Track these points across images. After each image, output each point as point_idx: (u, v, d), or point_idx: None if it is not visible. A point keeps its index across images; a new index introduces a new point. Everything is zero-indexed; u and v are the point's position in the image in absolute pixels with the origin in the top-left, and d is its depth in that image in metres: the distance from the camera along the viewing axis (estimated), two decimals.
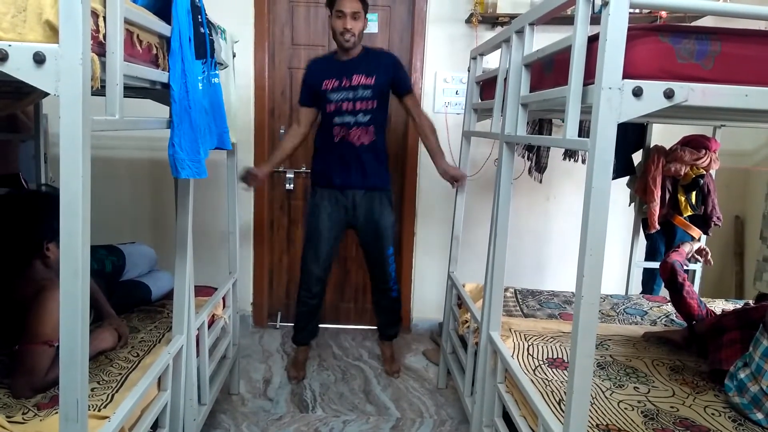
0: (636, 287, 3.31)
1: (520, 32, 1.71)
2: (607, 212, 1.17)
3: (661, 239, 3.19)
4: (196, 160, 1.51)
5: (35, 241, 1.65)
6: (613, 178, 1.19)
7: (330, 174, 2.73)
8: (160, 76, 1.43)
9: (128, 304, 2.24)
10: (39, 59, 0.99)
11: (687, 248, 2.23)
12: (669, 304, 2.64)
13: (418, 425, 2.53)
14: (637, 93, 1.12)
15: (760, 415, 1.57)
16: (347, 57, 2.63)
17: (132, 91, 1.56)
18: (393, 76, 2.65)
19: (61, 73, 1.00)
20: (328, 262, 2.84)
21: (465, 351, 2.39)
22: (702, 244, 2.35)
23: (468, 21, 3.29)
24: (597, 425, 1.54)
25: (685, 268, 2.11)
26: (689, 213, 3.02)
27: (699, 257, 2.35)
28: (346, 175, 2.70)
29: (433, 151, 2.75)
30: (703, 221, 3.05)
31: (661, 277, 2.18)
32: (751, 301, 2.36)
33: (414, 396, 2.78)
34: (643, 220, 3.16)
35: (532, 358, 1.99)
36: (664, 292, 2.77)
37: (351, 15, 2.51)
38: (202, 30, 1.56)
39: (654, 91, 1.13)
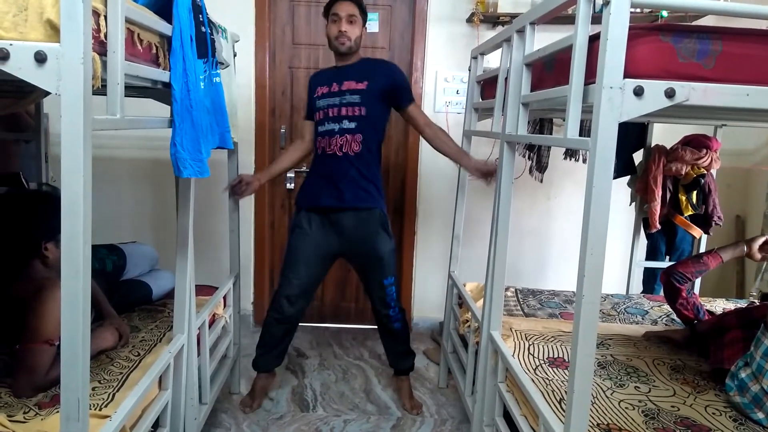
0: (637, 287, 3.31)
1: (521, 31, 1.71)
2: (608, 212, 1.17)
3: (661, 239, 3.20)
4: (198, 159, 1.51)
5: (33, 241, 1.65)
6: (613, 178, 1.19)
7: (311, 193, 2.45)
8: (161, 75, 1.43)
9: (129, 303, 2.25)
10: (40, 58, 0.99)
11: (738, 250, 2.06)
12: None
13: (419, 424, 2.53)
14: (639, 92, 1.12)
15: (761, 415, 1.57)
16: (343, 64, 2.42)
17: (133, 90, 1.56)
18: (391, 85, 2.37)
19: (63, 73, 1.00)
20: (304, 290, 2.49)
21: (466, 350, 2.39)
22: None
23: (469, 20, 3.29)
24: (598, 425, 1.54)
25: (692, 277, 2.09)
26: (690, 212, 3.02)
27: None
28: (329, 191, 2.38)
29: (458, 154, 2.41)
30: (704, 221, 3.05)
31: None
32: (756, 301, 2.35)
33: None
34: (644, 219, 3.16)
35: (533, 357, 1.99)
36: None
37: (346, 18, 2.32)
38: (203, 29, 1.56)
39: (655, 90, 1.13)
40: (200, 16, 1.55)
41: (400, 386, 2.71)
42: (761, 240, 2.04)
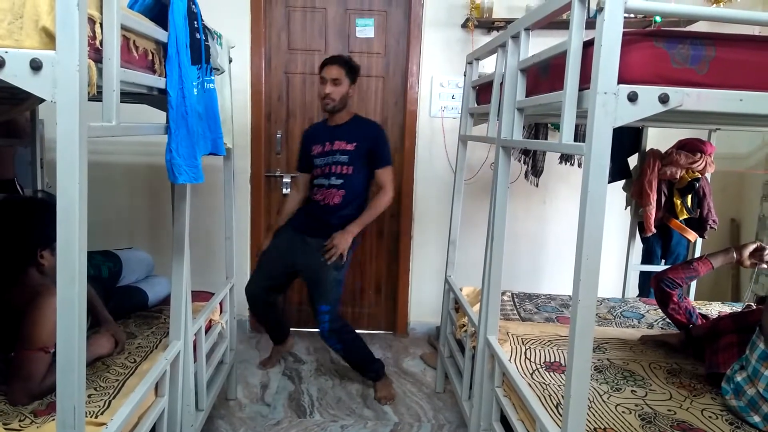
0: (632, 290, 3.31)
1: (515, 37, 1.72)
2: (604, 216, 1.17)
3: (657, 242, 3.21)
4: (194, 165, 1.51)
5: (29, 248, 1.64)
6: (608, 182, 1.20)
7: (296, 221, 2.82)
8: (156, 81, 1.43)
9: (125, 309, 2.24)
10: (36, 66, 0.99)
11: (728, 256, 2.08)
12: None
13: (416, 429, 2.52)
14: (633, 98, 1.13)
15: (756, 418, 1.57)
16: (335, 123, 2.70)
17: (129, 96, 1.56)
18: (370, 148, 2.65)
19: (58, 80, 1.00)
20: (264, 286, 2.82)
21: (462, 355, 2.39)
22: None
23: (464, 26, 3.30)
24: (594, 429, 1.54)
25: (682, 283, 2.09)
26: (685, 216, 3.03)
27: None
28: (305, 224, 2.75)
29: (361, 219, 2.66)
30: (698, 224, 3.07)
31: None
32: (753, 304, 2.36)
33: (412, 400, 2.78)
34: (639, 223, 3.17)
35: (530, 361, 1.99)
36: None
37: (331, 81, 2.59)
38: (198, 36, 1.57)
39: (649, 95, 1.14)
40: (195, 22, 1.55)
41: (374, 386, 2.87)
42: (751, 247, 2.06)
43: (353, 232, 2.64)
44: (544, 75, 1.57)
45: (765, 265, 2.09)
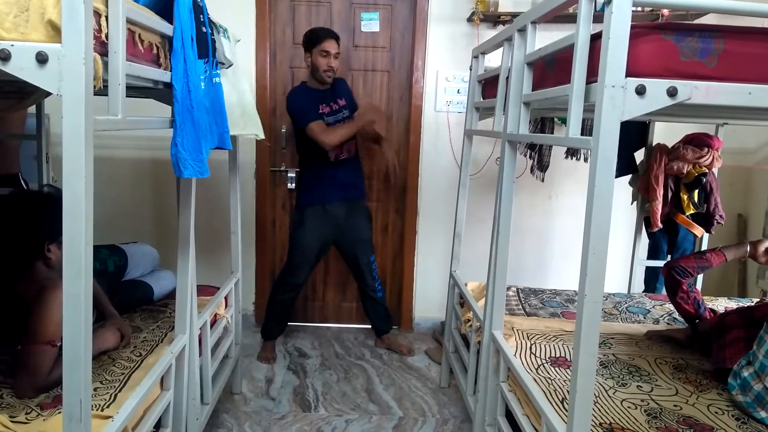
0: (638, 285, 3.31)
1: (522, 31, 1.71)
2: (610, 211, 1.16)
3: (663, 237, 3.19)
4: (199, 160, 1.51)
5: (36, 242, 1.65)
6: (615, 177, 1.19)
7: (320, 197, 3.00)
8: (162, 75, 1.43)
9: (131, 303, 2.24)
10: (42, 59, 0.99)
11: (742, 251, 2.05)
12: None
13: (421, 424, 2.53)
14: (641, 91, 1.12)
15: (763, 414, 1.56)
16: (323, 87, 2.92)
17: (134, 90, 1.56)
18: (349, 96, 3.06)
19: (64, 73, 1.00)
20: (310, 272, 3.14)
21: (467, 350, 2.39)
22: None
23: (470, 20, 3.29)
24: (600, 424, 1.54)
25: (693, 273, 2.08)
26: (692, 211, 3.02)
27: None
28: (326, 190, 2.98)
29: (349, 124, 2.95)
30: (705, 219, 3.05)
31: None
32: (763, 299, 2.34)
33: (416, 395, 2.78)
34: (645, 218, 3.16)
35: (535, 357, 1.99)
36: None
37: (335, 55, 2.83)
38: (204, 29, 1.56)
39: (657, 89, 1.13)
40: (201, 16, 1.54)
41: (388, 342, 3.30)
42: (767, 243, 2.03)
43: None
44: (551, 69, 1.56)
45: None
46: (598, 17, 1.18)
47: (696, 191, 3.00)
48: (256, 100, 3.34)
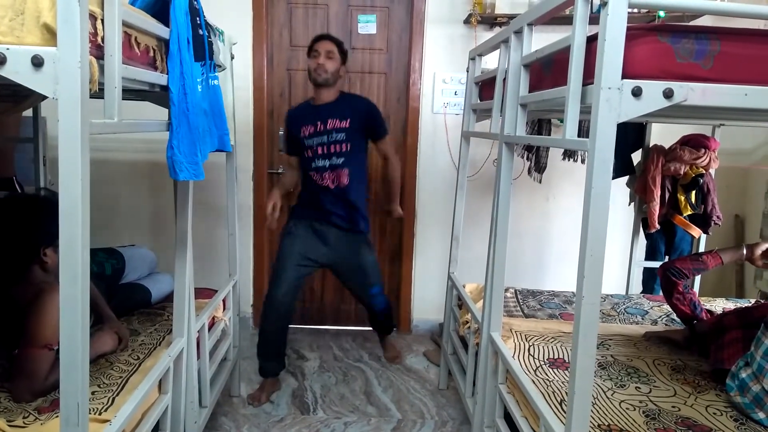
0: (636, 287, 3.31)
1: (518, 32, 1.71)
2: (608, 212, 1.16)
3: (661, 238, 3.20)
4: (194, 162, 1.50)
5: (32, 246, 1.65)
6: (612, 178, 1.19)
7: (305, 208, 2.71)
8: (158, 78, 1.43)
9: (128, 306, 2.24)
10: (37, 62, 0.99)
11: (739, 253, 2.05)
12: None
13: (420, 426, 2.52)
14: (637, 93, 1.12)
15: (761, 415, 1.56)
16: (322, 102, 2.61)
17: (130, 93, 1.56)
18: (366, 123, 2.61)
19: (60, 77, 1.00)
20: (293, 287, 2.66)
21: (466, 352, 2.38)
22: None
23: (466, 21, 3.29)
24: (599, 425, 1.54)
25: (689, 274, 2.08)
26: (689, 212, 3.02)
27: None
28: (319, 211, 2.66)
29: (394, 193, 2.84)
30: (703, 220, 3.05)
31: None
32: (762, 300, 2.34)
33: (415, 397, 2.78)
34: (643, 219, 3.16)
35: (533, 358, 1.99)
36: None
37: (325, 54, 2.55)
38: (200, 32, 1.56)
39: (653, 90, 1.13)
40: (197, 18, 1.55)
41: (383, 343, 3.02)
42: (764, 246, 2.02)
43: (398, 206, 2.87)
44: (547, 70, 1.57)
45: None
46: (594, 19, 1.18)
47: (693, 192, 3.00)
48: (253, 103, 3.37)
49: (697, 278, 3.14)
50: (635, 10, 2.88)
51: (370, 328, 3.32)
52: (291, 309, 2.70)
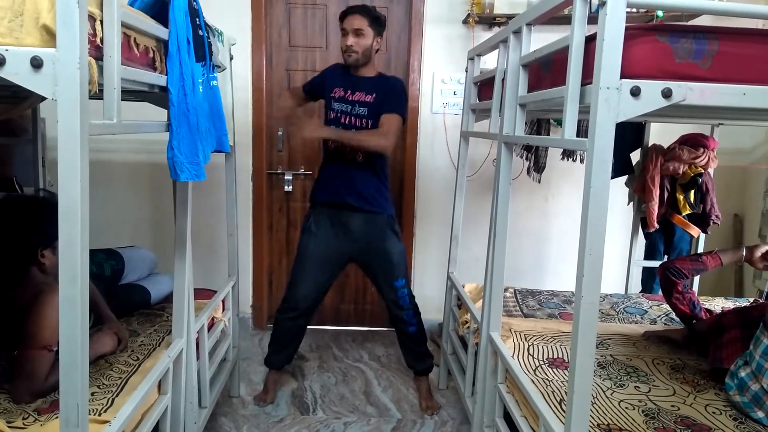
0: (635, 286, 3.31)
1: (517, 32, 1.71)
2: (606, 212, 1.17)
3: (660, 238, 3.20)
4: (195, 163, 1.50)
5: (30, 247, 1.64)
6: (611, 178, 1.19)
7: (325, 188, 2.54)
8: (157, 79, 1.43)
9: (128, 307, 2.24)
10: (36, 64, 0.99)
11: (738, 255, 2.04)
12: None
13: (419, 426, 2.53)
14: (635, 93, 1.13)
15: (761, 414, 1.57)
16: (360, 75, 2.49)
17: (130, 94, 1.56)
18: (385, 94, 2.43)
19: (59, 78, 1.00)
20: (313, 292, 2.56)
21: (465, 351, 2.39)
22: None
23: (465, 21, 3.29)
24: (598, 425, 1.54)
25: (688, 274, 2.08)
26: (688, 211, 3.03)
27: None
28: (339, 190, 2.49)
29: (345, 132, 2.43)
30: (701, 220, 3.06)
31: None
32: (760, 299, 2.35)
33: (415, 397, 2.78)
34: (642, 219, 3.17)
35: (533, 358, 1.99)
36: None
37: (353, 32, 2.38)
38: (200, 32, 1.56)
39: (652, 90, 1.13)
40: (197, 19, 1.55)
41: (419, 386, 2.75)
42: (764, 248, 2.01)
43: (325, 131, 2.46)
44: (546, 70, 1.57)
45: None
46: (592, 19, 1.18)
47: (692, 191, 3.01)
48: (252, 103, 3.37)
49: (696, 278, 3.15)
50: (634, 10, 2.88)
51: (370, 328, 3.31)
52: (309, 312, 2.61)
